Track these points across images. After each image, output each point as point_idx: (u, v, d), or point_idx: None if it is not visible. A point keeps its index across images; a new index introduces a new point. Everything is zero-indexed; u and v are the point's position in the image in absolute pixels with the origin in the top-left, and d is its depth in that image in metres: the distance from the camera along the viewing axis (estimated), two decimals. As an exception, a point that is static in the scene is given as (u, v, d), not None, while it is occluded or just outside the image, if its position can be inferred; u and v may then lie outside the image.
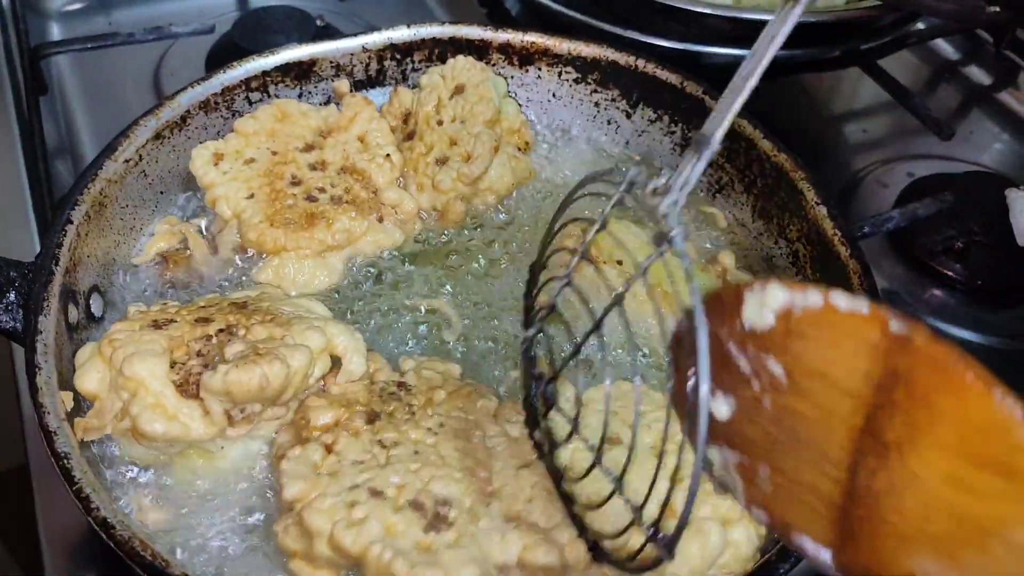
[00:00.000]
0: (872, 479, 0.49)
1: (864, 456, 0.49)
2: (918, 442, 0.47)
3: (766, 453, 0.54)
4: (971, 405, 0.45)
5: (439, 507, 0.70)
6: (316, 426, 0.76)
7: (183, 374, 0.77)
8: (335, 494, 0.70)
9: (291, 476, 0.72)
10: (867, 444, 0.49)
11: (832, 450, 0.51)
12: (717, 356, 0.53)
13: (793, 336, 0.51)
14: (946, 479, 0.46)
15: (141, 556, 0.67)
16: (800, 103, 1.52)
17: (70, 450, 0.73)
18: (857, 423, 0.49)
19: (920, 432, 0.47)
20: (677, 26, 1.22)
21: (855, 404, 0.49)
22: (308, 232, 0.94)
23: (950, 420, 0.46)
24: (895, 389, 0.48)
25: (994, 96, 1.54)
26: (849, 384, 0.49)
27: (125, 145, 0.96)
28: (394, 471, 0.72)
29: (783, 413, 0.53)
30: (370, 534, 0.68)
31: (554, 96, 1.15)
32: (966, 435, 0.46)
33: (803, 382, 0.51)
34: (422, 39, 1.11)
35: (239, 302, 0.86)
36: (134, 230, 0.98)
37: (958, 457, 0.46)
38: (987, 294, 1.19)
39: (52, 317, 0.81)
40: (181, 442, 0.77)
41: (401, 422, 0.76)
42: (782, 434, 0.53)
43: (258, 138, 1.01)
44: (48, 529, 0.91)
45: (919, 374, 0.47)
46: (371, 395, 0.80)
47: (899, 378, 0.47)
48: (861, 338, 0.48)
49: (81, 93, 1.43)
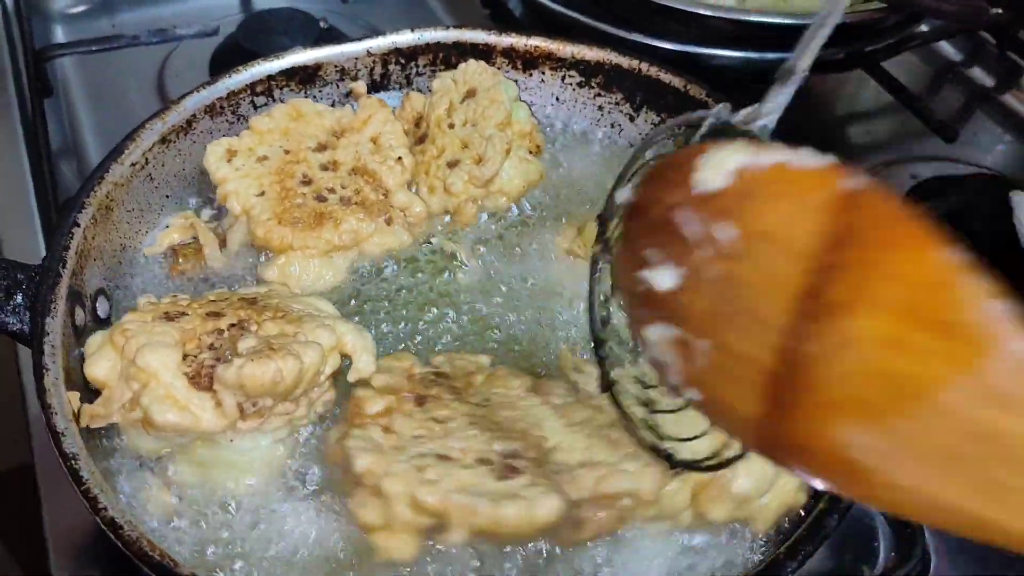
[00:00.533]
0: (809, 343, 0.48)
1: (804, 321, 0.48)
2: (862, 301, 0.46)
3: (706, 326, 0.53)
4: (919, 261, 0.44)
5: (506, 460, 0.72)
6: (369, 414, 0.77)
7: (195, 367, 0.78)
8: (405, 461, 0.71)
9: (359, 450, 0.72)
10: (809, 307, 0.48)
11: (773, 316, 0.49)
12: (664, 224, 0.54)
13: (745, 197, 0.51)
14: (884, 340, 0.45)
15: (150, 556, 0.67)
16: (804, 104, 1.52)
17: (78, 451, 0.73)
18: (801, 285, 0.48)
19: (865, 290, 0.46)
20: (680, 28, 1.22)
21: (802, 265, 0.48)
22: (315, 232, 0.94)
23: (897, 277, 0.45)
24: (844, 247, 0.46)
25: (997, 98, 1.54)
26: (798, 244, 0.48)
27: (131, 148, 0.96)
28: (455, 439, 0.73)
29: (728, 281, 0.52)
30: (449, 486, 0.69)
31: (558, 100, 1.16)
32: (911, 293, 0.45)
33: (752, 245, 0.51)
34: (426, 43, 1.12)
35: (249, 298, 0.87)
36: (140, 233, 0.99)
37: (899, 317, 0.45)
38: (990, 296, 1.19)
39: (59, 319, 0.81)
40: (191, 433, 0.78)
41: (449, 401, 0.78)
42: (724, 304, 0.52)
43: (272, 136, 1.01)
44: (54, 529, 0.91)
45: (869, 230, 0.46)
46: (414, 383, 0.81)
47: (850, 235, 0.47)
48: (814, 195, 0.48)
49: (85, 95, 1.44)
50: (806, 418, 0.49)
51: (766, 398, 0.51)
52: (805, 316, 0.48)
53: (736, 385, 0.52)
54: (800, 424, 0.49)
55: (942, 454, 0.44)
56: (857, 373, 0.46)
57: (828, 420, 0.48)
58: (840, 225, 0.47)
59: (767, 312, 0.50)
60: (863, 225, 0.46)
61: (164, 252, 0.98)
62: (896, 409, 0.45)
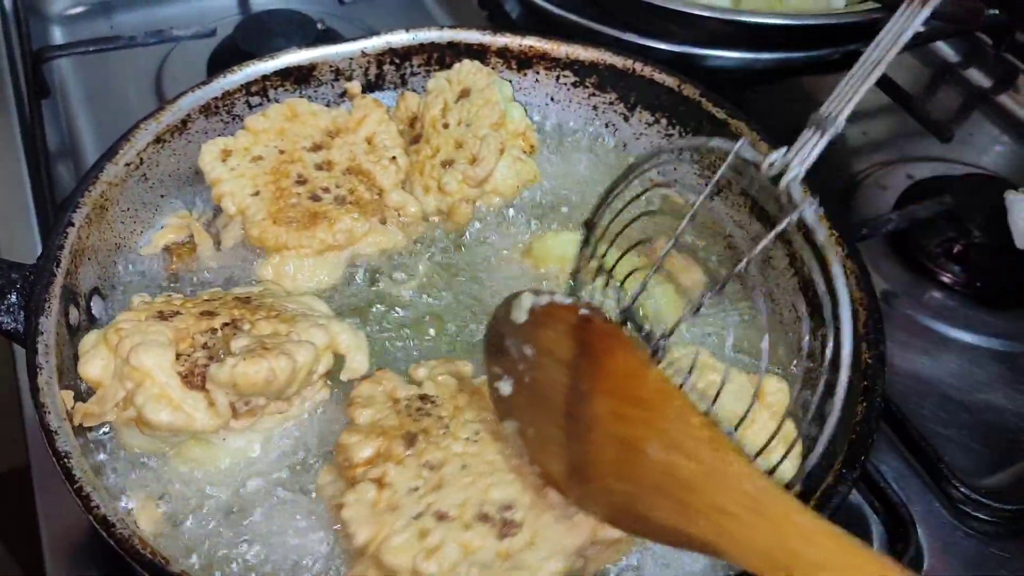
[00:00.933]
0: (577, 423, 0.68)
1: (572, 406, 0.68)
2: (596, 390, 0.66)
3: (530, 417, 0.73)
4: (621, 360, 0.65)
5: (504, 513, 0.72)
6: (358, 463, 0.75)
7: (188, 365, 0.78)
8: (404, 528, 0.70)
9: (357, 522, 0.71)
10: (573, 397, 0.68)
11: (558, 405, 0.69)
12: (500, 348, 0.74)
13: (536, 326, 0.71)
14: (611, 415, 0.65)
15: (141, 554, 0.68)
16: (800, 105, 1.52)
17: (71, 449, 0.73)
18: (568, 383, 0.68)
19: (597, 382, 0.66)
20: (676, 29, 1.23)
21: (565, 369, 0.68)
22: (310, 231, 0.94)
23: (611, 372, 0.66)
24: (583, 355, 0.67)
25: (993, 98, 1.54)
26: (561, 355, 0.69)
27: (126, 149, 0.97)
28: (451, 490, 0.73)
29: (534, 384, 0.72)
30: (451, 558, 0.69)
31: (552, 99, 1.16)
32: (619, 381, 0.65)
33: (541, 359, 0.71)
34: (421, 43, 1.12)
35: (243, 297, 0.87)
36: (135, 233, 0.99)
37: (616, 397, 0.65)
38: (986, 296, 1.19)
39: (53, 318, 0.82)
40: (185, 432, 0.78)
41: (439, 438, 0.77)
42: (535, 400, 0.72)
43: (267, 136, 1.02)
44: (49, 530, 0.91)
45: (595, 343, 0.67)
46: (400, 416, 0.79)
47: (584, 347, 0.67)
48: (566, 322, 0.69)
49: (83, 96, 1.44)
50: (588, 477, 0.68)
51: (567, 464, 0.69)
52: (572, 403, 0.68)
53: (553, 458, 0.71)
54: (588, 482, 0.68)
55: (653, 488, 0.62)
56: (605, 439, 0.65)
57: (598, 475, 0.67)
58: (580, 340, 0.68)
59: (555, 403, 0.69)
60: (591, 339, 0.67)
61: (159, 251, 0.98)
62: (628, 462, 0.64)
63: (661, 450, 0.62)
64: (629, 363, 0.65)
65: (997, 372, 1.11)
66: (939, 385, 1.08)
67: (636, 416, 0.63)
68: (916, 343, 1.14)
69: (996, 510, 0.95)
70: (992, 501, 0.94)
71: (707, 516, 0.59)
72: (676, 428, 0.61)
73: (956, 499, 0.96)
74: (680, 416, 0.61)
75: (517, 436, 0.74)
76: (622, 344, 0.66)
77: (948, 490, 0.96)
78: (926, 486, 0.98)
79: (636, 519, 0.65)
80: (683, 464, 0.60)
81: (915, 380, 1.09)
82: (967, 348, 1.14)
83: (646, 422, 0.63)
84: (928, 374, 1.10)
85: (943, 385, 1.09)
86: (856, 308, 0.87)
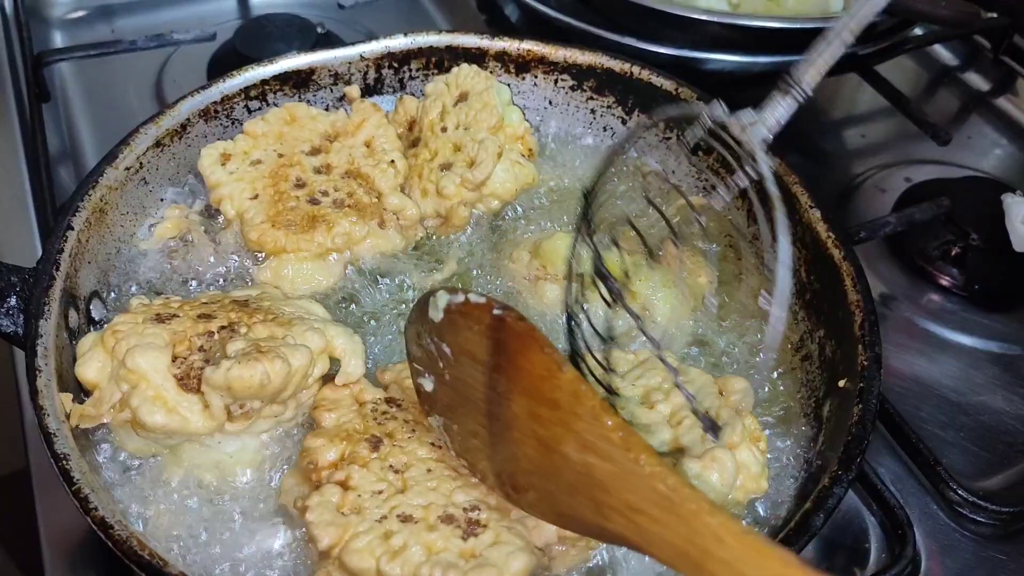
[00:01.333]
0: (496, 423, 0.69)
1: (491, 405, 0.69)
2: (513, 390, 0.67)
3: (453, 414, 0.74)
4: (535, 361, 0.65)
5: (469, 513, 0.72)
6: (323, 466, 0.76)
7: (184, 368, 0.78)
8: (368, 530, 0.70)
9: (320, 525, 0.71)
10: (492, 396, 0.69)
11: (478, 404, 0.70)
12: (420, 345, 0.75)
13: (452, 324, 0.71)
14: (528, 415, 0.66)
15: (139, 555, 0.68)
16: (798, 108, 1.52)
17: (69, 451, 0.74)
18: (485, 382, 0.69)
19: (513, 383, 0.67)
20: (674, 33, 1.23)
21: (483, 368, 0.69)
22: (308, 234, 0.95)
23: (526, 373, 0.66)
24: (499, 355, 0.67)
25: (991, 102, 1.55)
26: (478, 355, 0.69)
27: (126, 153, 0.97)
28: (415, 493, 0.73)
29: (454, 382, 0.72)
30: (415, 559, 0.68)
31: (550, 103, 1.16)
32: (534, 382, 0.65)
33: (458, 357, 0.71)
34: (419, 47, 1.12)
35: (241, 300, 0.87)
36: (134, 236, 0.99)
37: (532, 398, 0.66)
38: (984, 298, 1.19)
39: (52, 321, 0.82)
40: (180, 435, 0.78)
41: (405, 442, 0.77)
42: (457, 398, 0.72)
43: (266, 140, 1.02)
44: (49, 533, 0.91)
45: (510, 343, 0.67)
46: (366, 420, 0.79)
47: (500, 347, 0.67)
48: (480, 320, 0.68)
49: (83, 100, 1.44)
50: (511, 473, 0.69)
51: (491, 460, 0.71)
52: (492, 402, 0.69)
53: (478, 454, 0.72)
54: (507, 476, 0.70)
55: (570, 487, 0.64)
56: (523, 438, 0.67)
57: (520, 472, 0.68)
58: (495, 340, 0.68)
59: (474, 401, 0.70)
60: (506, 339, 0.67)
61: (159, 246, 0.98)
62: (545, 461, 0.65)
63: (576, 451, 0.63)
64: (543, 364, 0.65)
65: (995, 375, 1.11)
66: (937, 387, 1.09)
67: (551, 417, 0.64)
68: (914, 345, 1.14)
69: (993, 512, 0.95)
70: (989, 503, 0.95)
71: (623, 514, 0.60)
72: (589, 429, 0.62)
73: (954, 501, 0.96)
74: (593, 417, 0.62)
75: (443, 431, 0.75)
76: (537, 344, 0.65)
77: (946, 492, 0.96)
78: (924, 488, 0.98)
79: (559, 516, 0.67)
80: (598, 464, 0.61)
81: (913, 382, 1.09)
82: (965, 351, 1.14)
83: (561, 423, 0.64)
84: (926, 376, 1.10)
85: (941, 387, 1.09)
86: (853, 310, 0.87)
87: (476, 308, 0.69)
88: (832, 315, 0.91)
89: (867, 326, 0.86)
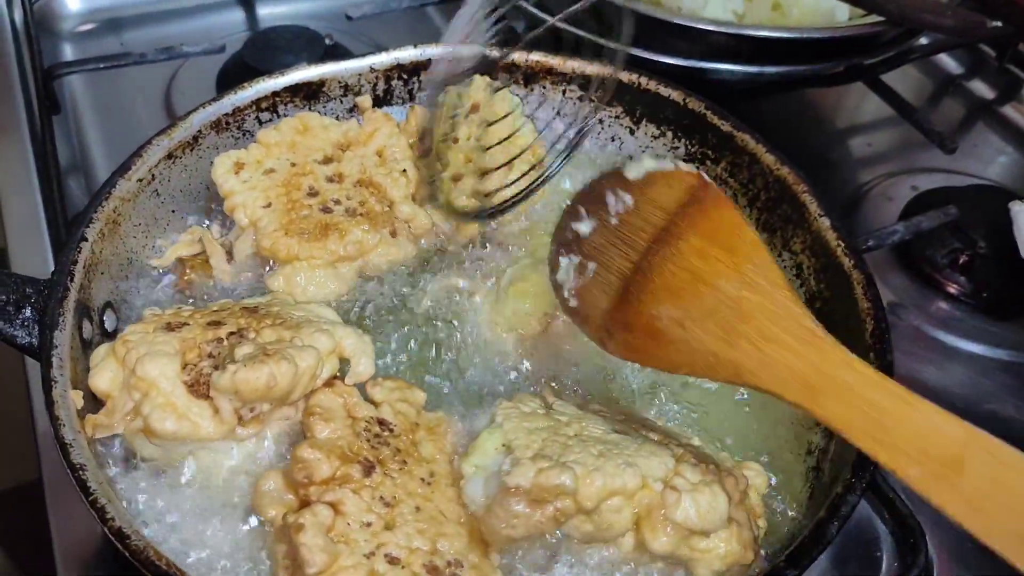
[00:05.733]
0: (654, 255, 0.81)
1: (655, 244, 0.81)
2: (692, 231, 0.80)
3: (598, 253, 0.85)
4: (726, 216, 0.80)
5: (452, 568, 0.72)
6: (317, 481, 0.74)
7: (194, 375, 0.79)
8: (355, 565, 0.70)
9: (314, 549, 0.70)
10: (660, 236, 0.81)
11: (639, 242, 0.82)
12: (598, 196, 0.86)
13: (646, 183, 0.84)
14: (695, 252, 0.79)
15: (156, 565, 0.68)
16: (805, 118, 1.53)
17: (85, 462, 0.74)
18: (660, 225, 0.82)
19: (695, 226, 0.80)
20: (681, 43, 1.24)
21: (664, 216, 0.82)
22: (321, 243, 0.95)
23: (712, 219, 0.80)
24: (691, 205, 0.81)
25: (997, 110, 1.56)
26: (667, 205, 0.82)
27: (138, 164, 0.97)
28: (402, 533, 0.73)
29: (620, 226, 0.84)
30: None
31: (559, 113, 1.16)
32: (716, 227, 0.79)
33: (640, 205, 0.84)
34: (428, 59, 1.13)
35: (250, 306, 0.88)
36: (147, 247, 1.00)
37: (708, 239, 0.79)
38: (991, 306, 1.19)
39: (67, 332, 0.82)
40: (191, 440, 0.78)
41: (396, 473, 0.77)
42: (614, 239, 0.84)
43: (279, 149, 1.03)
44: (62, 544, 0.92)
45: (707, 198, 0.81)
46: (359, 439, 0.78)
47: (695, 199, 0.81)
48: (686, 182, 0.83)
49: (94, 112, 1.45)
50: (638, 302, 0.81)
51: (618, 295, 0.82)
52: (659, 241, 0.81)
53: (602, 289, 0.84)
54: (632, 307, 0.81)
55: (706, 313, 0.76)
56: (676, 269, 0.79)
57: (651, 302, 0.80)
58: (692, 196, 0.82)
59: (637, 241, 0.83)
60: (704, 197, 0.81)
61: (172, 264, 0.99)
62: (690, 291, 0.78)
63: (733, 286, 0.75)
64: (734, 218, 0.79)
65: (1004, 382, 1.11)
66: (946, 395, 1.09)
67: (721, 257, 0.77)
68: (923, 354, 1.15)
69: (1005, 520, 0.95)
70: (1001, 511, 0.94)
71: (752, 341, 0.72)
72: (756, 271, 0.75)
73: (965, 509, 0.96)
74: (764, 266, 0.76)
75: (573, 269, 0.87)
76: (731, 205, 0.81)
77: (957, 500, 0.96)
78: (935, 496, 0.98)
79: (668, 343, 0.77)
80: (749, 297, 0.74)
81: (922, 390, 1.09)
82: (974, 358, 1.14)
83: (730, 263, 0.77)
84: (935, 384, 1.11)
85: (950, 395, 1.09)
86: (864, 318, 0.88)
87: (683, 175, 0.83)
88: (843, 324, 0.91)
89: (878, 334, 0.86)
